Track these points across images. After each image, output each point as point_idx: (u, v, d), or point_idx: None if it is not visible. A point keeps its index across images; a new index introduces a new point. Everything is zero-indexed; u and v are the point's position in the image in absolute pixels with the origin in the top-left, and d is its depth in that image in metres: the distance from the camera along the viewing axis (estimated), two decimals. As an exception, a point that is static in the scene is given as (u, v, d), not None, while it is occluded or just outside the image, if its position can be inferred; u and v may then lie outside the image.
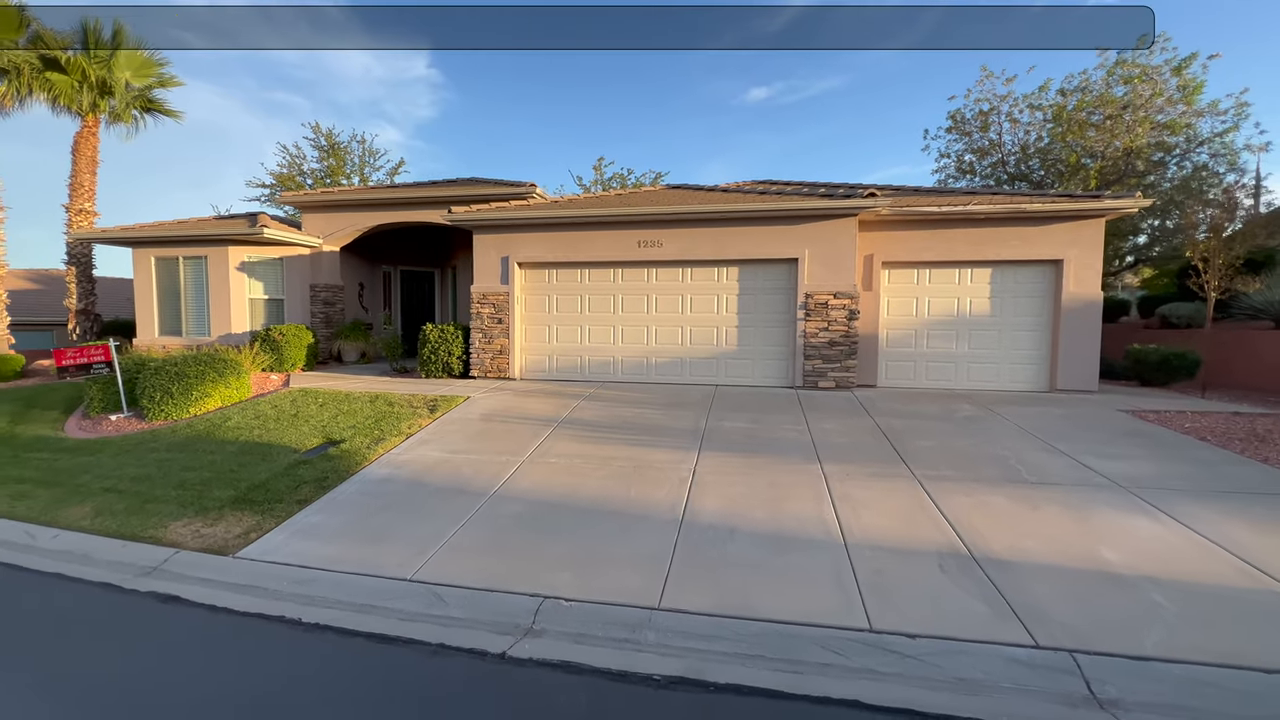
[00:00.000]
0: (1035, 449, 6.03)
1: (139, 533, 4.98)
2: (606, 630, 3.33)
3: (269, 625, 3.55)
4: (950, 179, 17.22)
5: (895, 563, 3.89)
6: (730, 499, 4.98)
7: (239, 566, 4.34)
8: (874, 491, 5.04)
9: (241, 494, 5.56)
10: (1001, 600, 3.40)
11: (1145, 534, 4.14)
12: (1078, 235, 8.77)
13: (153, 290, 12.42)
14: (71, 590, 4.10)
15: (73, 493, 5.90)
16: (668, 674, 2.92)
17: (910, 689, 2.76)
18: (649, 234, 9.51)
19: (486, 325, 10.12)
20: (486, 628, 3.42)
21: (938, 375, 9.39)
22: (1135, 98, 12.83)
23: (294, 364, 11.19)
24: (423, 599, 3.78)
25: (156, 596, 3.96)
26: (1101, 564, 3.76)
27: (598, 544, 4.31)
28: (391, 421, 7.46)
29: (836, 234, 8.92)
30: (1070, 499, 4.76)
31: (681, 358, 9.76)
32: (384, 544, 4.49)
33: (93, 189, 13.76)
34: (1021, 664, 2.90)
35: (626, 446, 6.43)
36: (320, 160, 23.10)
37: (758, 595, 3.58)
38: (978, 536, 4.16)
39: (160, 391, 8.02)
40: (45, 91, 12.87)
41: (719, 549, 4.17)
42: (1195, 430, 6.58)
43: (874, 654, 3.02)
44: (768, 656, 3.04)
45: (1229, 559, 3.77)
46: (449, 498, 5.28)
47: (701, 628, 3.31)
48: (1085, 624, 3.16)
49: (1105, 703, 2.63)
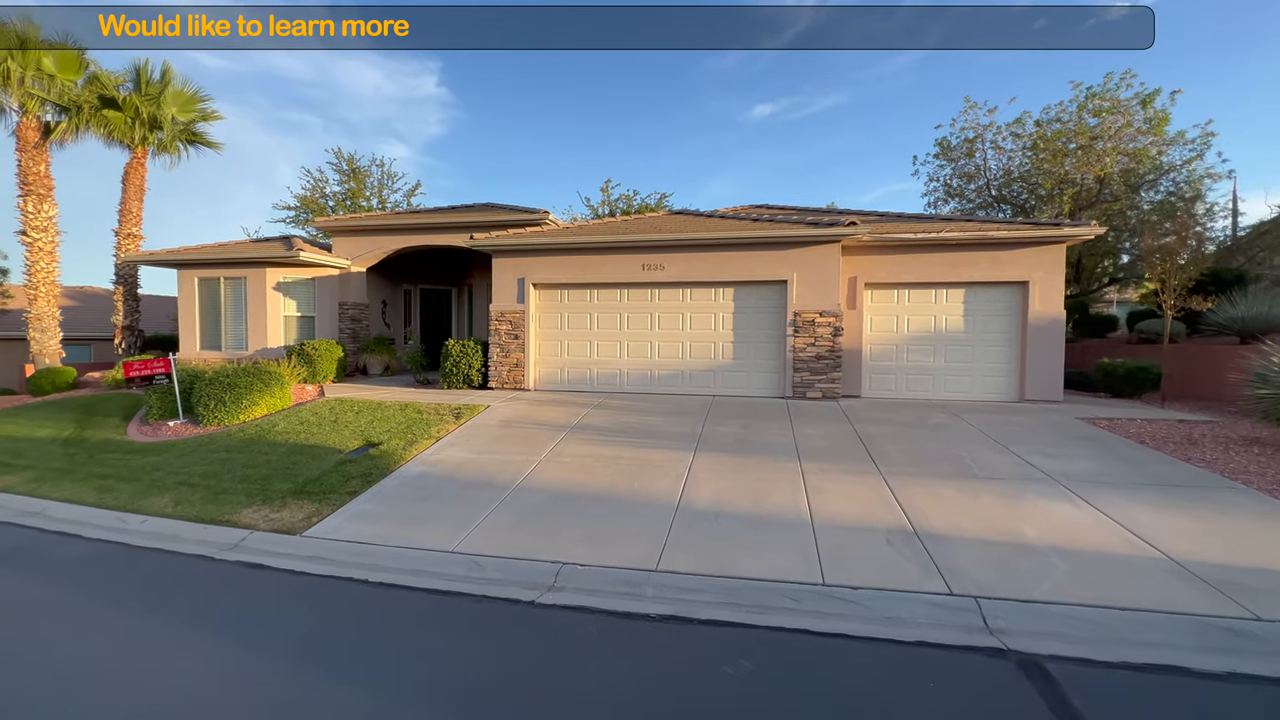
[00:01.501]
0: (990, 450, 6.86)
1: (216, 518, 5.87)
2: (614, 586, 4.17)
3: (344, 584, 4.42)
4: (940, 201, 18.18)
5: (852, 538, 4.73)
6: (720, 490, 5.84)
7: (307, 543, 5.21)
8: (843, 485, 5.88)
9: (299, 487, 6.46)
10: (931, 564, 4.24)
11: (1062, 516, 4.96)
12: (1041, 259, 9.65)
13: (195, 308, 13.48)
14: (174, 560, 4.99)
15: (150, 487, 6.82)
16: (661, 613, 3.77)
17: (848, 623, 3.59)
18: (652, 258, 10.47)
19: (504, 341, 11.07)
20: (518, 585, 4.27)
21: (917, 387, 10.23)
22: (1105, 129, 13.78)
23: (325, 376, 12.16)
24: (464, 565, 4.64)
25: (245, 565, 4.84)
26: (1019, 537, 4.58)
27: (606, 524, 5.17)
28: (422, 427, 8.36)
29: (822, 258, 9.84)
30: (1008, 490, 5.59)
31: (682, 370, 10.66)
32: (427, 525, 5.36)
33: (140, 215, 14.94)
34: (937, 606, 3.72)
35: (631, 448, 7.30)
36: (341, 183, 24.36)
37: (736, 561, 4.43)
38: (923, 518, 4.99)
39: (214, 400, 8.97)
40: (102, 127, 14.11)
41: (707, 527, 5.02)
42: (1138, 435, 7.38)
43: (823, 600, 3.86)
44: (741, 603, 3.88)
45: (1123, 534, 4.59)
46: (478, 490, 6.16)
47: (690, 584, 4.15)
48: (993, 579, 3.98)
49: (994, 630, 3.45)
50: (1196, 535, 4.54)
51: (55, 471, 7.53)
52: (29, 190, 13.55)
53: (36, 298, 13.80)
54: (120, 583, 4.63)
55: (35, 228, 13.63)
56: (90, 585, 4.59)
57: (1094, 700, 2.76)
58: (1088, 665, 3.06)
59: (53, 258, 13.97)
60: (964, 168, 16.92)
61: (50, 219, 13.84)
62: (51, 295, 13.98)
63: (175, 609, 4.12)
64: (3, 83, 12.73)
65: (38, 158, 13.61)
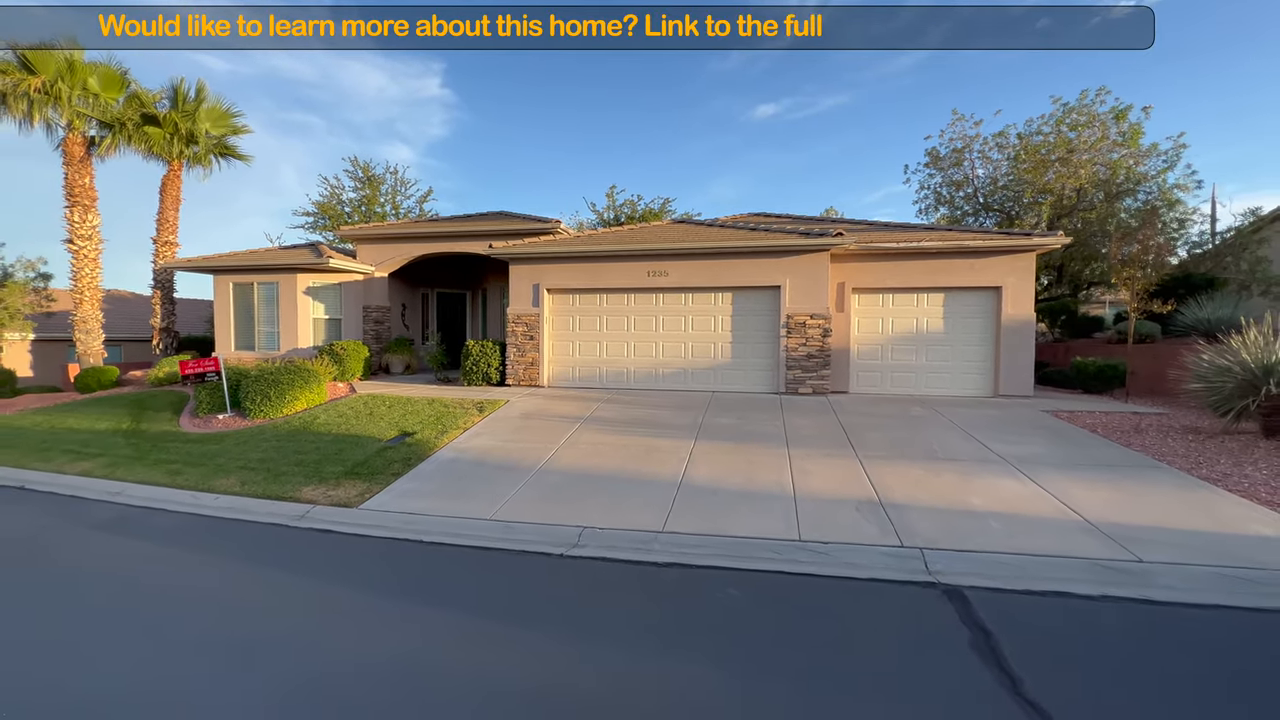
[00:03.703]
0: (957, 438, 7.74)
1: (280, 495, 6.78)
2: (628, 544, 5.07)
3: (401, 543, 5.33)
4: (930, 208, 19.04)
5: (826, 507, 5.62)
6: (716, 470, 6.74)
7: (363, 515, 6.12)
8: (823, 466, 6.78)
9: (349, 469, 7.38)
10: (890, 525, 5.12)
11: (1006, 489, 5.84)
12: (1014, 266, 10.52)
13: (230, 310, 14.45)
14: (252, 529, 5.90)
15: (215, 470, 7.75)
16: (666, 561, 4.67)
17: (816, 567, 4.49)
18: (657, 265, 11.39)
19: (520, 341, 12.00)
20: (547, 544, 5.16)
21: (901, 383, 11.12)
22: (1082, 142, 14.64)
23: (353, 374, 13.10)
24: (500, 529, 5.54)
25: (315, 531, 5.76)
26: (967, 506, 5.47)
27: (619, 498, 6.07)
28: (450, 419, 9.29)
29: (812, 265, 10.74)
30: (965, 469, 6.48)
31: (684, 368, 11.56)
32: (464, 500, 6.27)
33: (176, 224, 15.95)
34: (889, 555, 4.62)
35: (638, 437, 8.20)
36: (356, 190, 25.33)
37: (730, 524, 5.32)
38: (888, 491, 5.88)
39: (260, 395, 9.91)
40: (142, 142, 15.11)
41: (705, 499, 5.92)
42: (1091, 425, 8.25)
43: (799, 552, 4.75)
44: (731, 554, 4.77)
45: (1055, 503, 5.47)
46: (506, 471, 7.07)
47: (690, 542, 5.05)
48: (939, 536, 4.87)
49: (932, 572, 4.33)
50: (1113, 504, 5.42)
51: (124, 458, 8.47)
52: (75, 201, 14.55)
53: (81, 301, 14.79)
54: (218, 542, 5.56)
55: (80, 236, 14.62)
56: (194, 545, 5.52)
57: (992, 612, 3.66)
58: (997, 592, 3.95)
59: (96, 264, 14.96)
60: (953, 176, 17.80)
61: (94, 228, 14.84)
62: (95, 299, 14.98)
63: (275, 559, 5.05)
64: (54, 103, 13.73)
65: (82, 171, 14.61)
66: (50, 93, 13.61)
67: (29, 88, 13.28)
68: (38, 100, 13.64)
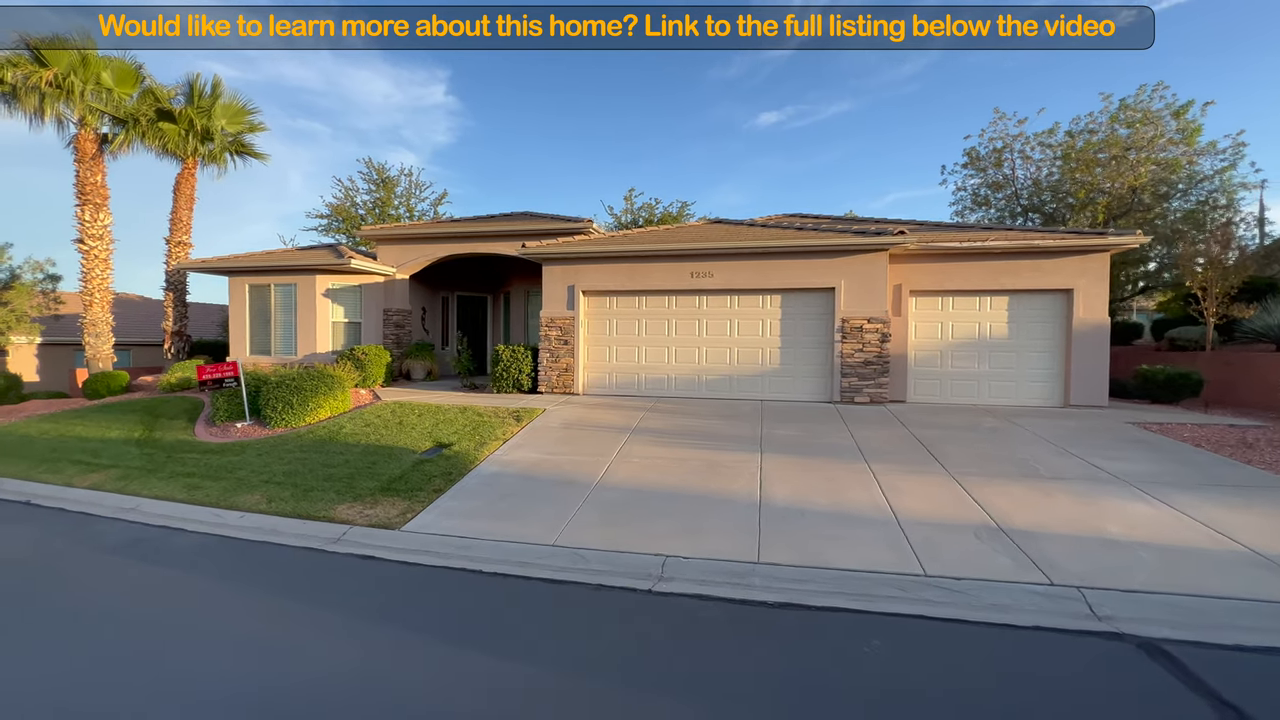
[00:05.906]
0: (1049, 453, 7.05)
1: (311, 514, 6.12)
2: (722, 577, 4.39)
3: (459, 574, 4.66)
4: (967, 210, 18.39)
5: (939, 533, 4.93)
6: (796, 488, 6.06)
7: (407, 538, 5.44)
8: (915, 484, 6.09)
9: (385, 485, 6.73)
10: (1025, 557, 4.44)
11: (1139, 514, 5.15)
12: (1085, 267, 9.85)
13: (245, 313, 13.86)
14: (284, 553, 5.24)
15: (237, 485, 7.10)
16: (777, 602, 3.99)
17: (957, 610, 3.81)
18: (701, 266, 10.75)
19: (554, 346, 11.36)
20: (627, 576, 4.49)
21: (961, 392, 10.42)
22: (1138, 140, 14.00)
23: (375, 380, 12.47)
24: (568, 558, 4.86)
25: (355, 557, 5.09)
26: (1103, 534, 4.78)
27: (693, 520, 5.39)
28: (486, 429, 8.63)
29: (869, 266, 10.09)
30: (1078, 489, 5.78)
31: (729, 375, 10.90)
32: (519, 521, 5.60)
33: (190, 224, 15.40)
34: (1040, 595, 3.93)
35: (696, 449, 7.53)
36: (370, 192, 24.83)
37: (832, 554, 4.64)
38: (1004, 515, 5.19)
39: (281, 403, 9.28)
40: (157, 139, 14.59)
41: (794, 523, 5.24)
42: (1193, 439, 7.55)
43: (927, 589, 4.07)
44: (850, 592, 4.09)
45: (1204, 530, 4.77)
46: (559, 488, 6.40)
47: (796, 575, 4.37)
48: (1089, 571, 4.18)
49: (1104, 618, 3.65)
50: (1269, 531, 4.72)
51: (138, 470, 7.83)
52: (86, 200, 14.01)
53: (92, 303, 14.23)
54: (248, 570, 4.89)
55: (92, 235, 14.08)
56: (221, 573, 4.85)
57: (1219, 676, 2.96)
58: (1201, 647, 3.26)
59: (107, 265, 14.41)
60: (992, 177, 17.16)
61: (105, 227, 14.29)
62: (105, 301, 14.42)
63: (315, 592, 4.38)
64: (66, 97, 13.22)
65: (94, 168, 14.08)
66: (62, 86, 13.09)
67: (40, 80, 12.77)
68: (49, 94, 13.13)
